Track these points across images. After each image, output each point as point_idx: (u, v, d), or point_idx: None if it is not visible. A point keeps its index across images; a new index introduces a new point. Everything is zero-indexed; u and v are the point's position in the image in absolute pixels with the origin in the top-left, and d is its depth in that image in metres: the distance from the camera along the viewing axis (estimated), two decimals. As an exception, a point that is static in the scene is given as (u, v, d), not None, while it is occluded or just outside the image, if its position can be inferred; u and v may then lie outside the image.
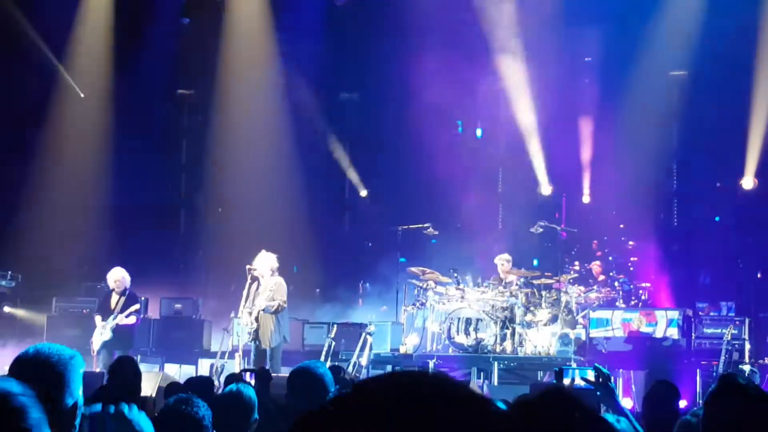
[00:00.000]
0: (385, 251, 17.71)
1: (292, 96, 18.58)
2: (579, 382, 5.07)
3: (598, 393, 4.94)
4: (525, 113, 18.20)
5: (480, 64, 18.07)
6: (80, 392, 3.18)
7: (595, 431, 1.75)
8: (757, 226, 17.39)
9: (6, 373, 3.20)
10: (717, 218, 18.09)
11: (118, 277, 13.84)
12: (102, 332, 13.60)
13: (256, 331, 12.98)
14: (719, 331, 14.42)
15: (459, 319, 14.38)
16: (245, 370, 10.51)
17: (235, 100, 18.93)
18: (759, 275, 17.57)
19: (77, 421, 3.19)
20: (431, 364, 13.89)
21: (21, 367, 3.14)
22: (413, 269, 15.24)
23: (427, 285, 14.87)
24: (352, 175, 19.91)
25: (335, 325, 14.93)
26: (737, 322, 14.48)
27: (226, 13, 18.31)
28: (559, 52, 17.90)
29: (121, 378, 7.30)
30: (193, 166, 19.86)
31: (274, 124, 18.58)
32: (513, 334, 14.22)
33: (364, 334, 14.06)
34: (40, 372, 3.10)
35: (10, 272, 17.03)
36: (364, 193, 19.60)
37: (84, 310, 15.35)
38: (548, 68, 17.90)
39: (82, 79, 17.55)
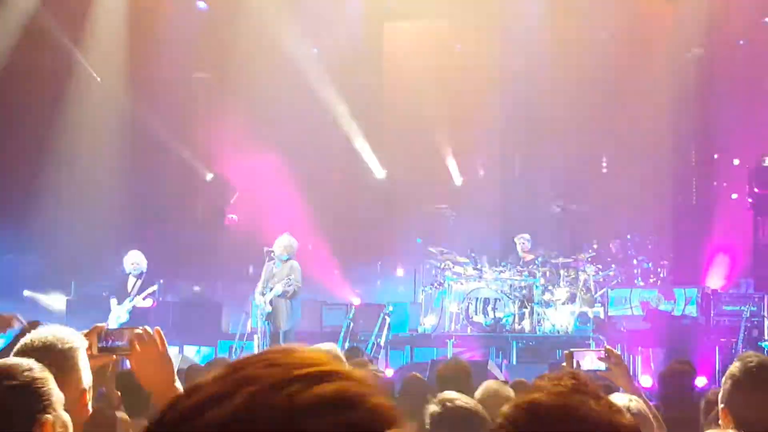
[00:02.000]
0: (403, 232, 17.83)
1: (310, 79, 18.68)
2: (591, 365, 4.98)
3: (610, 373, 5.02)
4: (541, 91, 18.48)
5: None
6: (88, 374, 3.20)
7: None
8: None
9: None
10: (734, 195, 18.21)
11: (134, 260, 14.02)
12: (118, 315, 13.72)
13: (270, 313, 13.30)
14: (738, 308, 14.40)
15: (477, 299, 14.64)
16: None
17: (252, 83, 19.17)
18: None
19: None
20: (449, 344, 14.10)
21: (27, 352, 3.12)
22: (431, 249, 15.39)
23: (445, 265, 15.08)
24: (370, 156, 20.13)
25: (354, 306, 15.05)
26: (756, 299, 14.51)
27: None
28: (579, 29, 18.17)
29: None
30: (211, 150, 19.97)
31: (292, 106, 18.74)
32: (531, 313, 14.46)
33: (382, 315, 14.29)
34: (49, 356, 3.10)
35: (30, 255, 17.35)
36: (381, 174, 19.74)
37: (103, 293, 15.37)
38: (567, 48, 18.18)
39: (99, 63, 17.72)
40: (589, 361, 4.90)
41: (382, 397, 1.17)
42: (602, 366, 4.80)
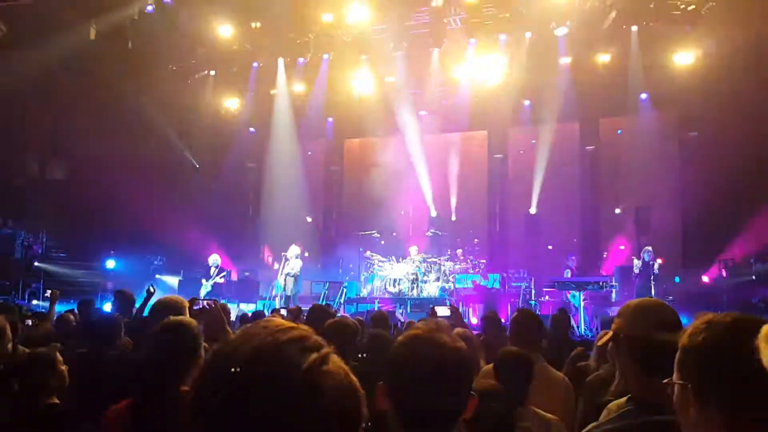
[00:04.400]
0: (352, 245, 21.20)
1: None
2: (442, 313, 6.32)
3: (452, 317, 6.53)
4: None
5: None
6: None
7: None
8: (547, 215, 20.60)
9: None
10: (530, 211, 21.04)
11: (214, 259, 19.07)
12: (206, 288, 18.48)
13: (285, 286, 17.73)
14: (519, 284, 18.36)
15: (390, 278, 18.63)
16: (282, 308, 13.41)
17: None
18: (549, 247, 20.96)
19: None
20: (376, 302, 17.39)
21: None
22: (367, 254, 19.63)
23: (374, 261, 19.30)
24: (327, 197, 24.25)
25: (328, 283, 18.99)
26: (528, 279, 18.59)
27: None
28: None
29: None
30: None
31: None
32: (417, 287, 18.40)
33: (342, 287, 18.44)
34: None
35: (159, 256, 21.74)
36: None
37: (198, 276, 19.57)
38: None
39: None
40: (442, 311, 6.69)
41: (313, 335, 1.57)
42: (448, 313, 6.61)
